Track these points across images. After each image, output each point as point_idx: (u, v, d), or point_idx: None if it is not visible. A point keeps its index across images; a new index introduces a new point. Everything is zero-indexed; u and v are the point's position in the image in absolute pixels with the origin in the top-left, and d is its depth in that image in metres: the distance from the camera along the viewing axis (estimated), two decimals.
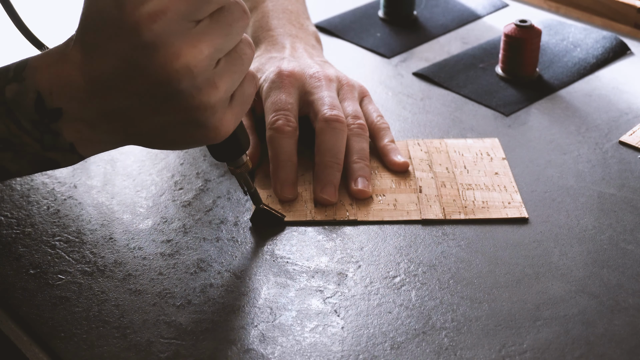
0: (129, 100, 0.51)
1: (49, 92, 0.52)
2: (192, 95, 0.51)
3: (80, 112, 0.52)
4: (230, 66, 0.52)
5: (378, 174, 0.72)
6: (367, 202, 0.68)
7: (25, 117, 0.52)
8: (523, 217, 0.66)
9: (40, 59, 0.53)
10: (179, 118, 0.52)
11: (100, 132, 0.53)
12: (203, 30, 0.50)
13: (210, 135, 0.54)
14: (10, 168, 0.55)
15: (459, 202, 0.68)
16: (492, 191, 0.69)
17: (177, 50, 0.49)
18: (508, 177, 0.71)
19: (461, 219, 0.66)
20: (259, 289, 0.60)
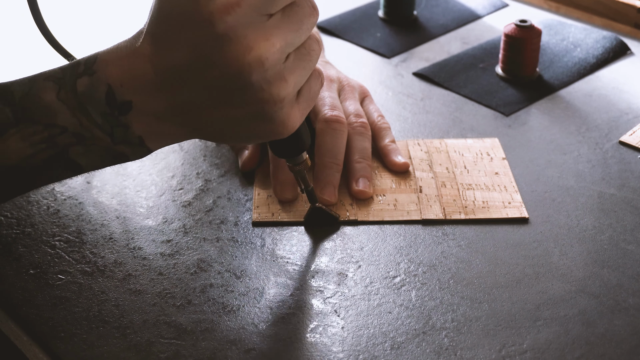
0: (199, 92, 0.52)
1: (120, 84, 0.52)
2: (262, 88, 0.51)
3: (149, 105, 0.53)
4: (299, 61, 0.53)
5: (378, 174, 0.72)
6: (368, 202, 0.68)
7: (96, 111, 0.53)
8: (523, 217, 0.66)
9: (110, 53, 0.53)
10: (247, 111, 0.52)
11: (168, 125, 0.54)
12: (275, 24, 0.51)
13: (277, 129, 0.54)
14: (81, 162, 0.55)
15: (459, 202, 0.68)
16: (492, 191, 0.69)
17: (250, 43, 0.49)
18: (508, 177, 0.71)
19: (461, 219, 0.66)
20: (259, 288, 0.60)
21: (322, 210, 0.66)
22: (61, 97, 0.53)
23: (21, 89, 0.53)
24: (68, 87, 0.53)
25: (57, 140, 0.53)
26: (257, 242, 0.64)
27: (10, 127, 0.53)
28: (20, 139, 0.53)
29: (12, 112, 0.53)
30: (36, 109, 0.53)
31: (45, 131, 0.53)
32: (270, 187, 0.70)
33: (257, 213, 0.67)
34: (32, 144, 0.53)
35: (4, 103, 0.53)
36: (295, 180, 0.69)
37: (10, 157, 0.53)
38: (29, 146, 0.53)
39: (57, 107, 0.53)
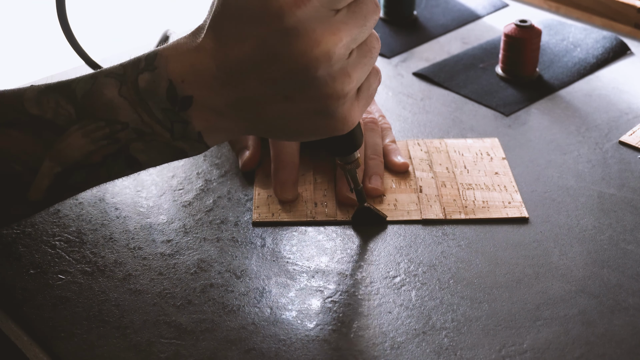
0: (262, 87, 0.52)
1: (181, 80, 0.52)
2: (327, 83, 0.51)
3: (210, 100, 0.53)
4: (362, 58, 0.53)
5: None
6: (368, 202, 0.68)
7: (157, 106, 0.53)
8: (523, 217, 0.66)
9: (170, 49, 0.53)
10: (309, 106, 0.53)
11: (227, 121, 0.54)
12: (342, 19, 0.51)
13: (338, 125, 0.54)
14: (140, 158, 0.55)
15: (459, 202, 0.68)
16: (492, 191, 0.69)
17: (318, 37, 0.50)
18: (508, 177, 0.71)
19: (461, 219, 0.66)
20: (259, 289, 0.60)
21: (370, 210, 0.66)
22: (123, 93, 0.53)
23: (83, 86, 0.54)
24: (130, 84, 0.53)
25: (119, 136, 0.54)
26: (257, 242, 0.64)
27: (72, 124, 0.53)
28: (82, 136, 0.53)
29: (75, 109, 0.53)
30: (98, 105, 0.53)
31: (107, 127, 0.53)
32: (270, 187, 0.70)
33: (257, 213, 0.67)
34: (94, 140, 0.54)
35: (66, 100, 0.53)
36: (296, 181, 0.69)
37: (73, 153, 0.54)
38: (90, 142, 0.54)
39: (119, 103, 0.53)
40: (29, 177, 0.54)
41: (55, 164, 0.54)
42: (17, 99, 0.54)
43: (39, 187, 0.54)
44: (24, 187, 0.54)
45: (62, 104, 0.53)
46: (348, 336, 0.56)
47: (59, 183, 0.55)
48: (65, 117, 0.53)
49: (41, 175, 0.54)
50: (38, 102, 0.54)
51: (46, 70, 0.90)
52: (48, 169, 0.54)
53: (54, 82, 0.55)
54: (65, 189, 0.56)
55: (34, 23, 1.23)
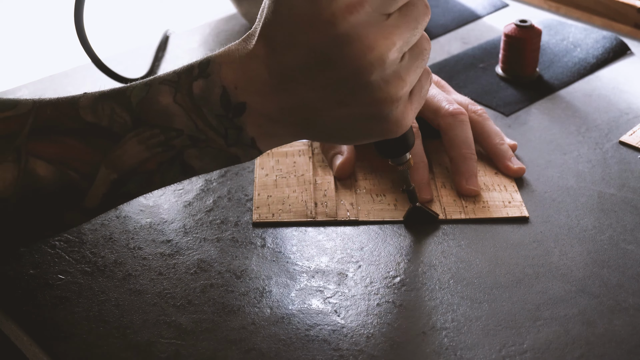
0: (315, 93, 0.52)
1: (234, 86, 0.53)
2: (381, 88, 0.51)
3: (263, 106, 0.53)
4: (414, 61, 0.53)
5: (379, 173, 0.72)
6: (368, 202, 0.68)
7: (211, 113, 0.53)
8: (524, 216, 0.66)
9: (222, 56, 0.54)
10: (362, 111, 0.53)
11: (280, 126, 0.54)
12: (394, 23, 0.51)
13: (391, 129, 0.54)
14: (194, 165, 0.55)
15: (459, 202, 0.68)
16: (492, 191, 0.69)
17: (372, 42, 0.50)
18: (508, 177, 0.71)
19: (462, 219, 0.66)
20: (259, 289, 0.60)
21: (422, 210, 0.66)
22: (177, 100, 0.53)
23: (138, 94, 0.54)
24: (184, 90, 0.53)
25: (174, 143, 0.54)
26: (257, 242, 0.64)
27: (128, 131, 0.54)
28: (137, 143, 0.54)
29: (130, 116, 0.54)
30: (153, 112, 0.53)
31: (162, 134, 0.54)
32: (269, 187, 0.70)
33: (258, 214, 0.67)
34: (149, 147, 0.54)
35: (122, 108, 0.54)
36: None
37: (129, 160, 0.54)
38: (145, 150, 0.54)
39: (174, 110, 0.53)
40: (85, 184, 0.54)
41: (111, 171, 0.54)
42: (72, 106, 0.54)
43: (95, 195, 0.55)
44: (81, 194, 0.55)
45: (117, 111, 0.54)
46: (348, 336, 0.56)
47: (115, 190, 0.55)
48: (121, 124, 0.54)
49: (98, 182, 0.54)
50: (93, 109, 0.54)
51: (44, 70, 0.90)
52: (104, 176, 0.54)
53: (107, 90, 0.55)
54: (119, 196, 0.56)
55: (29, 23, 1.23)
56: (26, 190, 0.54)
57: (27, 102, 0.55)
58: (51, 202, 0.55)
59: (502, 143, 0.72)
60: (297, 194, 0.69)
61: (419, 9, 0.53)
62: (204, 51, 0.94)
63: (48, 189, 0.54)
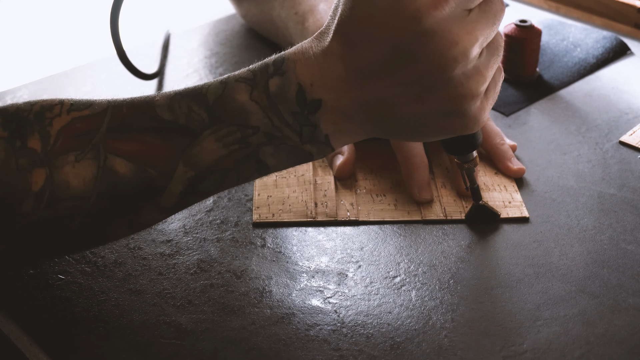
0: (393, 88, 0.52)
1: (310, 83, 0.53)
2: (462, 83, 0.52)
3: (338, 103, 0.53)
4: (491, 56, 0.54)
5: (379, 174, 0.72)
6: (368, 202, 0.68)
7: (287, 110, 0.53)
8: (524, 217, 0.66)
9: (297, 53, 0.54)
10: (442, 106, 0.53)
11: (355, 123, 0.54)
12: (475, 18, 0.52)
13: (468, 124, 0.55)
14: (269, 163, 0.55)
15: (459, 202, 0.68)
16: (492, 191, 0.69)
17: (455, 37, 0.50)
18: (508, 177, 0.71)
19: (462, 219, 0.66)
20: (259, 289, 0.60)
21: (485, 208, 0.66)
22: (254, 97, 0.54)
23: (214, 92, 0.54)
24: (261, 88, 0.54)
25: (250, 140, 0.54)
26: (257, 242, 0.64)
27: (205, 128, 0.54)
28: (214, 141, 0.54)
29: (207, 114, 0.54)
30: (230, 110, 0.54)
31: (239, 132, 0.54)
32: (269, 187, 0.70)
33: (258, 214, 0.67)
34: (226, 144, 0.54)
35: (199, 105, 0.54)
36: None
37: (206, 158, 0.54)
38: (222, 147, 0.54)
39: (251, 108, 0.54)
40: (163, 182, 0.54)
41: (189, 168, 0.54)
42: (148, 105, 0.54)
43: (172, 192, 0.55)
44: (158, 192, 0.54)
45: (194, 109, 0.54)
46: (348, 336, 0.56)
47: (191, 188, 0.55)
48: (198, 122, 0.54)
49: (175, 180, 0.54)
50: (170, 107, 0.54)
51: (44, 70, 0.90)
52: (182, 173, 0.54)
53: (182, 89, 0.55)
54: (195, 195, 0.56)
55: (29, 23, 1.23)
56: (106, 188, 0.53)
57: (102, 101, 0.55)
58: (129, 200, 0.54)
59: (503, 143, 0.72)
60: (297, 194, 0.69)
61: (497, 5, 0.53)
62: (204, 51, 0.94)
63: (127, 187, 0.54)
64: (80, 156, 0.53)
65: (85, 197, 0.53)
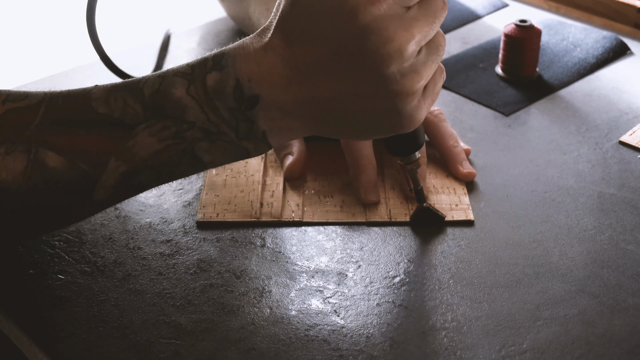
0: (331, 85, 0.52)
1: (248, 79, 0.53)
2: (397, 80, 0.52)
3: (276, 99, 0.53)
4: (430, 55, 0.54)
5: (330, 175, 0.71)
6: (315, 203, 0.68)
7: (224, 106, 0.53)
8: (469, 220, 0.66)
9: (237, 48, 0.54)
10: (378, 104, 0.53)
11: (292, 120, 0.54)
12: (414, 16, 0.52)
13: (404, 123, 0.54)
14: (205, 159, 0.55)
15: (405, 205, 0.68)
16: (440, 194, 0.69)
17: (392, 34, 0.50)
18: (459, 180, 0.71)
19: (407, 221, 0.66)
20: (258, 289, 0.60)
21: (430, 210, 0.65)
22: (191, 92, 0.53)
23: (151, 85, 0.54)
24: (198, 83, 0.53)
25: (185, 135, 0.54)
26: (257, 242, 0.64)
27: (140, 122, 0.54)
28: (149, 135, 0.54)
29: (142, 108, 0.54)
30: (166, 104, 0.54)
31: (174, 127, 0.54)
32: (218, 187, 0.69)
33: (202, 213, 0.67)
34: (161, 139, 0.54)
35: (134, 99, 0.54)
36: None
37: (140, 152, 0.54)
38: (157, 142, 0.54)
39: (187, 103, 0.53)
40: (95, 175, 0.54)
41: (121, 162, 0.54)
42: (84, 98, 0.54)
43: (104, 186, 0.55)
44: (90, 185, 0.54)
45: (130, 102, 0.54)
46: (348, 336, 0.56)
47: (124, 182, 0.55)
48: (133, 115, 0.54)
49: (107, 174, 0.54)
50: (106, 101, 0.54)
51: (44, 70, 0.90)
52: (115, 167, 0.54)
53: (119, 82, 0.55)
54: (129, 189, 0.56)
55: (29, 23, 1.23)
56: (36, 181, 0.53)
57: (39, 93, 0.55)
58: (61, 194, 0.54)
59: (456, 146, 0.72)
60: (244, 194, 0.69)
61: (437, 4, 0.53)
62: (204, 51, 0.94)
63: (58, 180, 0.54)
64: (11, 149, 0.53)
65: (14, 189, 0.53)
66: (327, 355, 0.54)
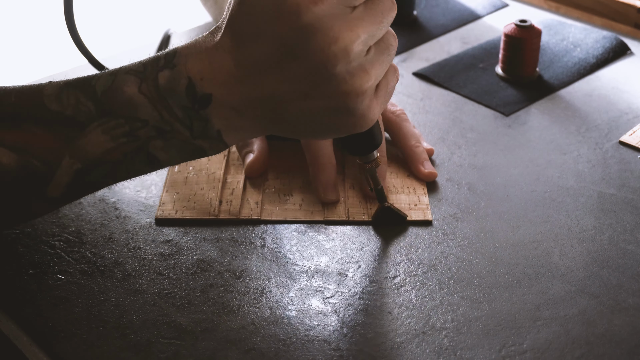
0: (280, 85, 0.52)
1: (200, 78, 0.53)
2: (345, 80, 0.51)
3: (229, 98, 0.53)
4: (379, 55, 0.53)
5: (291, 173, 0.71)
6: (274, 201, 0.68)
7: (177, 104, 0.53)
8: (427, 220, 0.66)
9: (189, 47, 0.54)
10: (328, 104, 0.53)
11: (246, 119, 0.54)
12: (359, 16, 0.52)
13: (357, 123, 0.54)
14: (160, 157, 0.55)
15: (364, 204, 0.68)
16: (400, 193, 0.69)
17: (336, 34, 0.50)
18: (419, 180, 0.71)
19: (364, 220, 0.66)
20: (259, 289, 0.60)
21: (391, 210, 0.65)
22: (143, 90, 0.53)
23: (103, 83, 0.54)
24: (150, 81, 0.53)
25: (138, 133, 0.54)
26: (257, 242, 0.64)
27: (92, 120, 0.54)
28: (101, 133, 0.54)
29: (95, 105, 0.54)
30: (118, 102, 0.53)
31: (127, 125, 0.54)
32: (179, 185, 0.69)
33: (161, 210, 0.67)
34: (114, 137, 0.54)
35: (86, 97, 0.54)
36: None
37: (93, 150, 0.54)
38: (110, 140, 0.54)
39: (139, 101, 0.53)
40: (48, 173, 0.54)
41: (75, 160, 0.54)
42: (36, 95, 0.54)
43: (58, 184, 0.55)
44: (44, 183, 0.54)
45: (82, 100, 0.54)
46: (348, 336, 0.56)
47: (78, 180, 0.55)
48: (85, 113, 0.53)
49: (61, 171, 0.54)
50: (58, 98, 0.54)
51: (45, 70, 0.90)
52: (68, 165, 0.54)
53: (72, 79, 0.55)
54: (84, 186, 0.56)
55: (31, 22, 1.23)
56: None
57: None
58: (14, 191, 0.54)
59: (418, 146, 0.72)
60: (204, 192, 0.69)
61: (385, 4, 0.53)
62: None
63: (10, 177, 0.54)
64: None
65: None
66: (327, 355, 0.54)
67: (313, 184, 0.69)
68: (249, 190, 0.70)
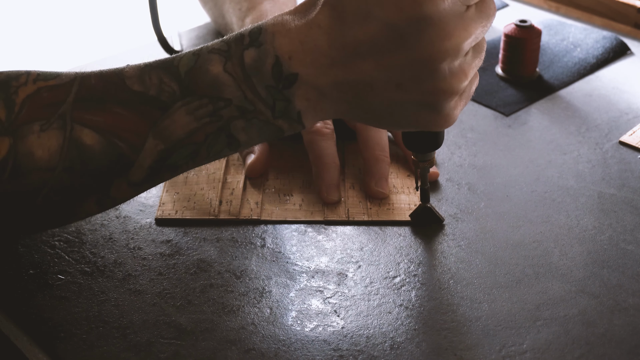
0: (375, 71, 0.51)
1: (288, 57, 0.52)
2: (445, 78, 0.51)
3: (315, 79, 0.52)
4: (475, 58, 0.53)
5: (291, 173, 0.71)
6: (274, 201, 0.68)
7: (261, 83, 0.52)
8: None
9: (276, 24, 0.52)
10: (419, 98, 0.52)
11: (329, 102, 0.53)
12: (472, 16, 0.51)
13: (439, 121, 0.54)
14: (240, 138, 0.54)
15: (364, 204, 0.68)
16: (400, 194, 0.69)
17: (451, 30, 0.50)
18: None
19: (364, 220, 0.66)
20: (259, 289, 0.60)
21: (430, 211, 0.65)
22: (228, 69, 0.52)
23: (186, 63, 0.53)
24: (235, 59, 0.52)
25: (221, 113, 0.53)
26: (257, 242, 0.64)
27: (176, 100, 0.53)
28: (185, 113, 0.53)
29: (179, 85, 0.53)
30: (203, 82, 0.52)
31: (210, 104, 0.53)
32: (179, 185, 0.69)
33: (161, 210, 0.67)
34: (197, 117, 0.53)
35: (170, 77, 0.53)
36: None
37: (176, 131, 0.53)
38: (193, 120, 0.53)
39: (224, 80, 0.52)
40: (132, 155, 0.53)
41: (159, 141, 0.53)
42: (117, 76, 0.53)
43: (141, 166, 0.53)
44: (127, 165, 0.53)
45: (165, 80, 0.53)
46: (348, 336, 0.56)
47: (160, 162, 0.54)
48: (169, 93, 0.53)
49: (145, 153, 0.53)
50: (140, 79, 0.53)
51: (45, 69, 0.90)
52: (152, 146, 0.53)
53: (153, 61, 0.54)
54: (165, 169, 0.54)
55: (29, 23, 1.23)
56: (72, 159, 0.52)
57: (70, 73, 0.54)
58: (97, 173, 0.53)
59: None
60: (204, 192, 0.69)
61: (491, 8, 0.53)
62: None
63: (94, 159, 0.53)
64: (46, 126, 0.52)
65: (50, 168, 0.52)
66: (327, 355, 0.54)
67: (316, 183, 0.69)
68: (249, 190, 0.70)
